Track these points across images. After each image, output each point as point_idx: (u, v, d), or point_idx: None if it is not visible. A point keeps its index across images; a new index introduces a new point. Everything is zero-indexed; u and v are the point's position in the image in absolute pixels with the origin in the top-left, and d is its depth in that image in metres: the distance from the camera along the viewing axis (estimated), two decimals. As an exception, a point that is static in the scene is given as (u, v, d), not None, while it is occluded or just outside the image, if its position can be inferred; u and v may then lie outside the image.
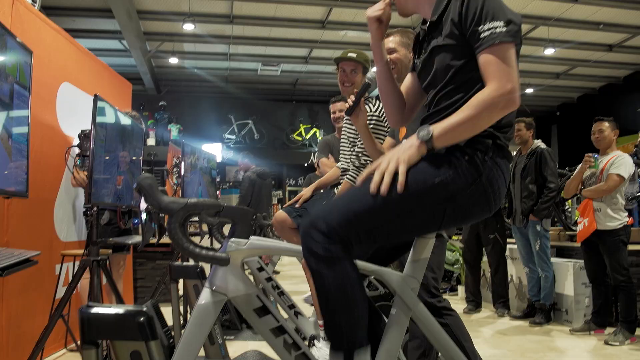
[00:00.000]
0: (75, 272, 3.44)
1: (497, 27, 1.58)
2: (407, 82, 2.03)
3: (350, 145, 3.40)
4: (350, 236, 1.54)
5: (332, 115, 4.45)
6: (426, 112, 1.82)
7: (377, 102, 3.35)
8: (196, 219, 1.53)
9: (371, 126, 3.18)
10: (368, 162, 3.20)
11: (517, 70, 1.59)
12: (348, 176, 3.22)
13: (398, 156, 1.57)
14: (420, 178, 1.55)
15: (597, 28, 10.88)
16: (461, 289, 6.95)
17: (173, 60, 12.23)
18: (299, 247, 1.57)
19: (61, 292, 3.81)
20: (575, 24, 10.75)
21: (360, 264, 1.65)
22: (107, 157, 3.37)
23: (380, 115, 3.30)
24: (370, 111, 3.27)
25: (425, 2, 1.83)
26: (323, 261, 1.50)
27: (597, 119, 4.77)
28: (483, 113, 1.54)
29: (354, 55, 3.39)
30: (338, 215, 1.54)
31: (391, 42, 2.85)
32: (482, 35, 1.59)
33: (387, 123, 3.32)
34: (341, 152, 3.54)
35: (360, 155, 3.21)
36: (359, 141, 3.26)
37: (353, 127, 3.36)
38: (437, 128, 1.57)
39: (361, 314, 1.55)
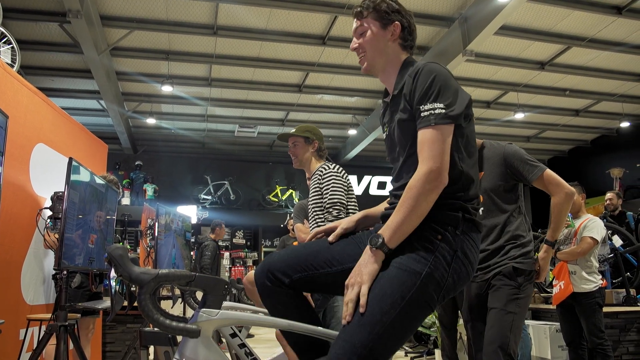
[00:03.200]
0: (41, 337, 3.32)
1: (436, 108, 1.62)
2: None
3: (320, 209, 3.47)
4: None
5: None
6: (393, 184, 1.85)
7: (334, 164, 3.55)
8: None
9: (331, 182, 3.37)
10: (340, 214, 3.30)
11: (449, 150, 1.62)
12: None
13: (360, 278, 1.57)
14: (409, 282, 1.55)
15: (564, 94, 11.34)
16: (438, 353, 6.84)
17: (150, 121, 12.26)
18: (272, 319, 1.55)
19: (24, 358, 3.66)
20: (543, 89, 11.20)
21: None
22: (79, 217, 3.32)
23: (339, 171, 3.45)
24: (329, 168, 3.45)
25: (392, 72, 1.87)
26: None
27: None
28: (420, 201, 1.57)
29: (292, 130, 3.67)
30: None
31: None
32: (422, 115, 1.64)
33: (346, 178, 3.44)
34: (311, 216, 3.60)
35: (331, 209, 3.31)
36: (325, 196, 3.40)
37: (317, 195, 3.50)
38: (386, 232, 1.59)
39: None
